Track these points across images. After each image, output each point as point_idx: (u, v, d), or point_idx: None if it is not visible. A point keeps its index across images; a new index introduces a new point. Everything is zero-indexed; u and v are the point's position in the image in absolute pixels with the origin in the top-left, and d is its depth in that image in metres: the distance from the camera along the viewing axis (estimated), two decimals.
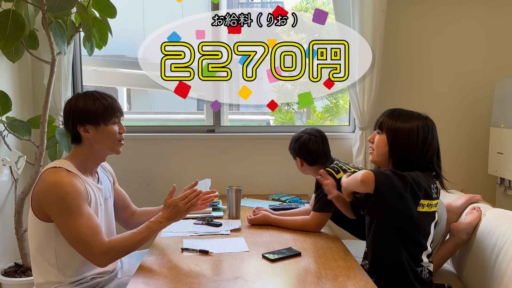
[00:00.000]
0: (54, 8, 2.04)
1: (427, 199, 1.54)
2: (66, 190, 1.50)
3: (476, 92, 2.94)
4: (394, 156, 1.61)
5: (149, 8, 3.43)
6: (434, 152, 1.62)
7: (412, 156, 1.59)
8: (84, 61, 3.03)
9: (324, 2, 3.34)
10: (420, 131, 1.59)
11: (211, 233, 1.95)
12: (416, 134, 1.59)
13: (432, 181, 1.59)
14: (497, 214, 1.83)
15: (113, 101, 1.67)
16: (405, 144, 1.59)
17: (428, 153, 1.60)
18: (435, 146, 1.62)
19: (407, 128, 1.59)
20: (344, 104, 3.24)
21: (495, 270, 1.65)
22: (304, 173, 2.20)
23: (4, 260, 2.61)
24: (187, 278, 1.45)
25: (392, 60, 2.90)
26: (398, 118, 1.62)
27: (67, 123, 1.65)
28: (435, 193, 1.59)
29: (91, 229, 1.50)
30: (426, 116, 1.66)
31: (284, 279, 1.48)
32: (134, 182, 2.93)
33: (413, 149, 1.58)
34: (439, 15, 2.90)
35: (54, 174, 1.54)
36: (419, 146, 1.58)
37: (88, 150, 1.65)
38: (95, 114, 1.61)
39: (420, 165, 1.59)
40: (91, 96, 1.63)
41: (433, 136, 1.62)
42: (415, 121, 1.61)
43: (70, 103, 1.64)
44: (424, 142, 1.59)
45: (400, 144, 1.60)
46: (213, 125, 3.02)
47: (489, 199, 2.74)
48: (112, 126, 1.65)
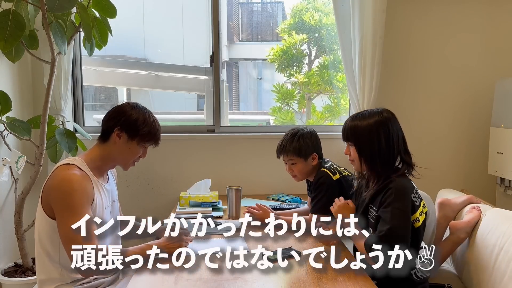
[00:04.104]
0: (54, 8, 2.04)
1: (417, 211, 1.58)
2: (73, 187, 1.51)
3: (476, 92, 2.94)
4: (367, 159, 1.64)
5: (149, 8, 3.43)
6: (399, 142, 1.64)
7: (381, 154, 1.61)
8: (84, 61, 3.03)
9: (324, 2, 3.34)
10: (379, 127, 1.61)
11: (211, 233, 1.95)
12: (376, 130, 1.61)
13: (413, 188, 1.63)
14: (497, 214, 1.83)
15: (159, 131, 1.73)
16: (369, 144, 1.62)
17: (395, 145, 1.62)
18: (398, 136, 1.64)
19: (365, 127, 1.62)
20: (344, 104, 3.24)
21: (495, 270, 1.65)
22: (302, 178, 2.09)
23: (4, 260, 2.61)
24: (187, 278, 1.46)
25: (392, 60, 2.90)
26: (356, 122, 1.66)
27: (109, 119, 1.68)
28: (418, 198, 1.63)
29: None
30: (381, 110, 1.68)
31: (284, 279, 1.48)
32: (134, 182, 2.93)
33: (379, 146, 1.61)
34: (439, 15, 2.90)
35: (66, 170, 1.55)
36: (383, 141, 1.61)
37: (107, 152, 1.68)
38: (138, 129, 1.65)
39: (390, 161, 1.62)
40: (147, 114, 1.69)
41: (393, 127, 1.63)
42: (371, 119, 1.63)
43: (126, 107, 1.68)
44: (387, 137, 1.61)
45: (366, 145, 1.63)
46: (213, 125, 3.02)
47: (489, 199, 2.74)
48: (140, 148, 1.70)
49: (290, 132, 2.06)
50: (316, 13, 3.32)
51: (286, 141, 2.03)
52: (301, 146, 2.00)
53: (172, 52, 3.75)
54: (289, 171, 2.07)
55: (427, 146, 2.97)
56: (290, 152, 2.01)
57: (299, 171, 2.05)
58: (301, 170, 2.05)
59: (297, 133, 2.04)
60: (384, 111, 1.67)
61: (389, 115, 1.66)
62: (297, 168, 2.04)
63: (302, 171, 2.05)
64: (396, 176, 1.61)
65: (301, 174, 2.06)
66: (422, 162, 2.96)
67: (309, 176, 2.08)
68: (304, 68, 3.40)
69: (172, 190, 2.92)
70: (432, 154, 2.97)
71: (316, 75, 3.31)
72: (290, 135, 2.04)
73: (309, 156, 2.02)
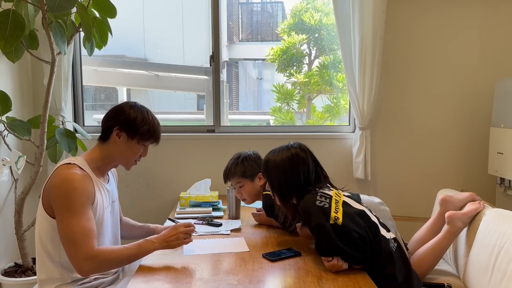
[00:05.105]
0: (54, 8, 2.04)
1: (331, 212, 1.56)
2: (74, 186, 1.50)
3: (476, 92, 2.94)
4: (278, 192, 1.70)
5: (149, 8, 3.43)
6: (311, 169, 1.69)
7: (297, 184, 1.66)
8: (84, 61, 3.03)
9: (325, 2, 3.34)
10: (287, 165, 1.68)
11: (211, 233, 1.95)
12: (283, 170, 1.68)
13: (314, 197, 1.60)
14: (496, 214, 1.83)
15: (159, 129, 1.72)
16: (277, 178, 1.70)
17: (309, 174, 1.67)
18: (308, 165, 1.69)
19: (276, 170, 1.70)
20: (344, 104, 3.24)
21: (495, 270, 1.65)
22: (251, 200, 2.09)
23: (4, 260, 2.61)
24: (187, 278, 1.46)
25: (392, 60, 2.91)
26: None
27: (108, 119, 1.68)
28: (325, 199, 1.60)
29: (84, 230, 1.48)
30: (290, 146, 1.75)
31: (284, 279, 1.48)
32: (134, 182, 2.94)
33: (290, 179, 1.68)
34: (439, 15, 2.90)
35: (67, 169, 1.55)
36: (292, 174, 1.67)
37: (108, 152, 1.67)
38: (137, 128, 1.65)
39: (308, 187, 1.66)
40: (145, 113, 1.68)
41: (303, 162, 1.68)
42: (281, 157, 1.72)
43: (124, 107, 1.68)
44: (296, 170, 1.67)
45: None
46: (213, 125, 3.02)
47: (489, 199, 2.75)
48: (140, 146, 1.69)
49: (234, 156, 2.10)
50: (316, 13, 3.32)
51: (231, 165, 2.07)
52: (246, 167, 2.03)
53: (172, 52, 3.75)
54: (238, 194, 2.09)
55: (427, 146, 2.97)
56: (236, 174, 2.04)
57: (248, 193, 2.06)
58: (250, 192, 2.06)
59: (240, 156, 2.07)
60: (293, 147, 1.73)
61: (297, 151, 1.71)
62: (245, 191, 2.06)
63: (251, 193, 2.07)
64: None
65: (250, 196, 2.07)
66: (422, 162, 2.98)
67: (258, 197, 2.09)
68: (304, 68, 3.41)
69: (172, 190, 2.93)
70: (432, 154, 2.97)
71: (316, 75, 3.31)
72: (233, 159, 2.08)
73: (255, 176, 2.05)
